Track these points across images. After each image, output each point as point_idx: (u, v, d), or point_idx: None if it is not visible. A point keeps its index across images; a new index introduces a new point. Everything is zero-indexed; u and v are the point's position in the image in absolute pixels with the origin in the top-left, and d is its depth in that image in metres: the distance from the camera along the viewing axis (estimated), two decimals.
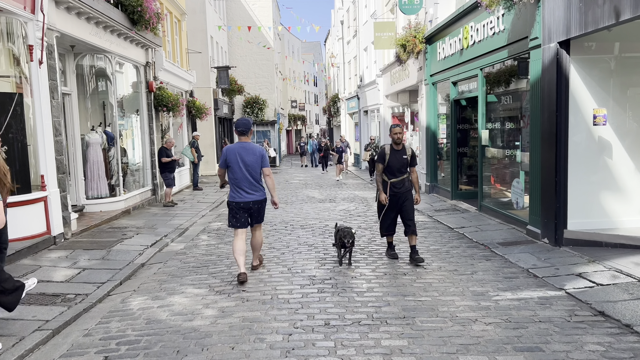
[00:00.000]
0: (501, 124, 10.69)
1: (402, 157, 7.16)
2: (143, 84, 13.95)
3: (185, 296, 5.92)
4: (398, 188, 7.19)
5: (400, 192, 7.19)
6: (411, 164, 7.27)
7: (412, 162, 7.28)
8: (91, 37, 10.47)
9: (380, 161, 7.24)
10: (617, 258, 6.78)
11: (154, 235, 9.53)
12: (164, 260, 7.90)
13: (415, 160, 7.33)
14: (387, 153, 7.15)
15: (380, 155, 7.24)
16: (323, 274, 6.64)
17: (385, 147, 7.25)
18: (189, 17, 21.34)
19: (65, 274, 6.90)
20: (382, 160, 7.20)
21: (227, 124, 29.63)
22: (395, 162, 7.13)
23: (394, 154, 7.15)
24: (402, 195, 7.21)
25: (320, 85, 66.15)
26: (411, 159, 7.25)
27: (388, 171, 7.18)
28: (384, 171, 7.21)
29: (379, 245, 8.36)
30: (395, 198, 7.20)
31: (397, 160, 7.14)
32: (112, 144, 12.20)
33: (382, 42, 18.17)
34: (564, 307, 5.27)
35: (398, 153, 7.16)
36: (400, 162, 7.15)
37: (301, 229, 10.03)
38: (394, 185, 7.18)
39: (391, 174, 7.17)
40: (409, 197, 7.27)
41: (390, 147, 7.21)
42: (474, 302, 5.47)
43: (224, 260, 7.57)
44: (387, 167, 7.16)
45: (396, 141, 7.11)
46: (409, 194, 7.27)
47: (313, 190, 17.29)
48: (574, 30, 7.09)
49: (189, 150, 17.09)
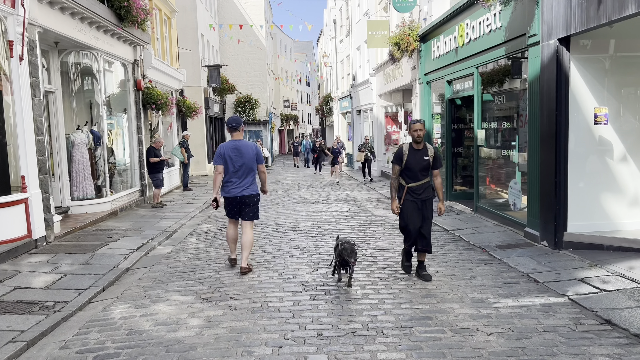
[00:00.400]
0: (497, 123, 10.46)
1: (422, 158, 6.19)
2: (131, 82, 13.60)
3: (170, 304, 5.62)
4: (418, 194, 6.23)
5: (419, 199, 6.24)
6: (434, 167, 6.30)
7: (435, 164, 6.30)
8: (76, 34, 10.13)
9: (397, 162, 6.27)
10: (619, 262, 6.55)
11: (141, 238, 9.21)
12: (149, 264, 7.59)
13: (439, 162, 6.37)
14: (405, 153, 6.20)
15: (397, 156, 6.27)
16: (315, 279, 6.36)
17: (404, 146, 6.30)
18: (180, 15, 20.99)
19: (45, 280, 6.58)
20: (399, 161, 6.23)
21: (219, 124, 29.27)
22: (414, 164, 6.19)
23: (413, 154, 6.19)
24: (420, 202, 6.26)
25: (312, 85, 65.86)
26: (434, 160, 6.25)
27: (406, 174, 6.26)
28: (401, 174, 6.31)
29: (373, 248, 8.09)
30: (415, 205, 6.25)
31: (417, 161, 6.19)
32: (99, 144, 11.85)
33: (375, 41, 17.94)
34: (568, 315, 5.02)
35: (418, 153, 6.20)
36: (421, 164, 6.20)
37: (293, 231, 9.75)
38: (412, 190, 6.23)
39: (410, 177, 6.24)
40: (429, 206, 6.32)
41: (409, 146, 6.26)
42: (473, 309, 5.21)
43: (212, 265, 7.27)
44: (405, 169, 6.22)
45: (416, 139, 6.14)
46: (429, 202, 6.31)
47: (305, 191, 17.01)
48: (575, 26, 6.86)
49: (178, 150, 16.74)
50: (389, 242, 8.51)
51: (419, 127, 6.17)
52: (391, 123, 21.21)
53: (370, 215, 11.55)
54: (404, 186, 6.28)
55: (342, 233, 9.34)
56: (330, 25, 36.86)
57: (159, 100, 14.18)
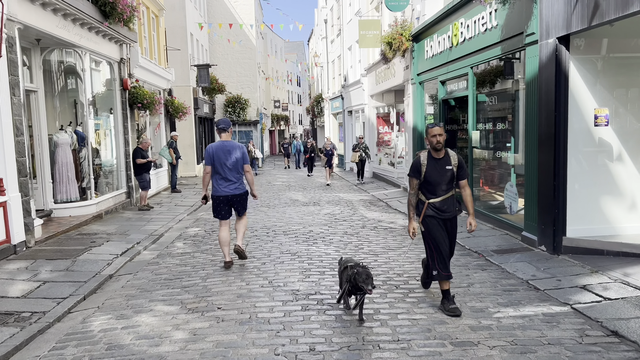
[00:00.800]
0: (493, 124, 10.25)
1: (444, 169, 5.22)
2: (117, 81, 13.25)
3: (154, 315, 5.32)
4: (441, 211, 5.27)
5: (443, 217, 5.28)
6: (459, 177, 5.32)
7: (461, 174, 5.32)
8: (59, 31, 9.78)
9: (414, 175, 5.28)
10: (621, 268, 6.34)
11: (126, 242, 8.88)
12: (134, 271, 7.27)
13: (465, 171, 5.37)
14: (424, 163, 5.21)
15: (414, 167, 5.27)
16: (307, 287, 6.08)
17: (421, 155, 5.30)
18: (168, 14, 20.62)
19: (23, 288, 6.25)
20: (417, 173, 5.25)
21: (208, 124, 28.89)
22: (435, 175, 5.22)
23: (433, 165, 5.22)
24: (445, 221, 5.31)
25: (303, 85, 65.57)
26: (458, 169, 5.28)
27: (426, 188, 5.28)
28: (420, 188, 5.33)
29: (367, 253, 7.83)
30: (441, 222, 5.30)
31: (438, 172, 5.22)
32: (83, 145, 11.50)
33: (367, 41, 17.70)
34: (572, 325, 4.79)
35: (439, 163, 5.23)
36: (443, 175, 5.23)
37: (284, 235, 9.46)
38: (435, 207, 5.26)
39: (431, 192, 5.27)
40: (454, 225, 5.42)
41: (427, 155, 5.27)
42: (473, 320, 4.96)
43: (199, 272, 6.96)
44: (425, 182, 5.26)
45: (435, 146, 5.18)
46: (454, 220, 5.41)
47: (296, 193, 16.72)
48: (576, 24, 6.64)
49: (166, 151, 16.39)
50: (382, 247, 8.25)
51: (438, 132, 5.17)
52: (383, 124, 20.98)
53: (363, 218, 11.29)
54: (424, 202, 5.29)
55: (334, 237, 9.10)
56: (321, 25, 36.61)
57: (146, 100, 13.83)
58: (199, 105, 24.65)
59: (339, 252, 7.92)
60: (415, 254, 7.74)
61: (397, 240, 8.80)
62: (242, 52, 32.86)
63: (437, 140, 5.18)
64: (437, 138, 5.19)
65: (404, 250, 5.88)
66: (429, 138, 5.24)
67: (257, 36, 36.78)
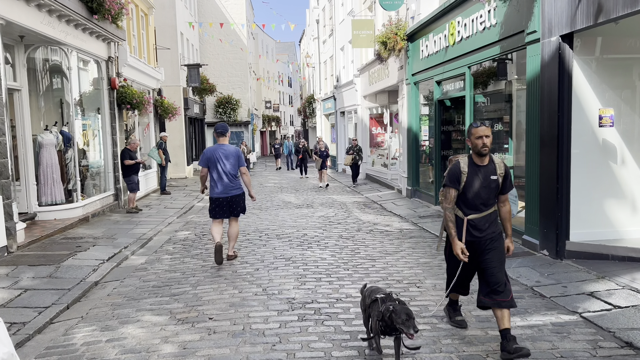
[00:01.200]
0: (490, 125, 10.01)
1: (489, 179, 4.29)
2: (105, 80, 12.89)
3: (141, 325, 5.01)
4: (481, 230, 4.34)
5: (483, 238, 4.35)
6: (503, 189, 4.39)
7: (506, 187, 4.39)
8: (43, 27, 9.43)
9: (452, 184, 4.34)
10: (627, 273, 6.13)
11: (113, 247, 8.55)
12: (121, 277, 6.95)
13: (510, 183, 4.44)
14: (464, 172, 4.29)
15: (453, 175, 4.33)
16: (303, 295, 5.79)
17: (460, 161, 4.37)
18: (158, 12, 20.25)
19: (2, 297, 5.92)
20: (456, 182, 4.32)
21: (198, 124, 28.52)
22: (477, 187, 4.29)
23: (475, 173, 4.29)
24: (485, 242, 4.35)
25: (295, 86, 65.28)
26: (504, 180, 4.35)
27: (463, 202, 4.35)
28: (457, 202, 4.38)
29: (364, 258, 7.56)
30: (475, 246, 4.36)
31: (482, 183, 4.28)
32: (69, 145, 11.13)
33: (360, 41, 17.47)
34: (584, 336, 4.55)
35: (482, 171, 4.29)
36: (487, 187, 4.29)
37: (277, 238, 9.17)
38: (473, 225, 4.34)
39: (470, 206, 4.34)
40: (498, 245, 4.38)
41: (468, 161, 4.35)
42: (480, 330, 4.70)
43: (189, 279, 6.65)
44: (463, 195, 4.33)
45: (481, 151, 4.24)
46: (498, 240, 4.39)
47: (289, 195, 16.42)
48: (580, 22, 6.42)
49: (155, 152, 16.03)
50: (379, 251, 7.99)
51: (484, 132, 4.23)
52: (376, 125, 20.75)
53: (358, 220, 11.03)
54: (462, 219, 4.37)
55: (330, 240, 8.82)
56: (312, 25, 36.35)
57: (135, 100, 13.48)
58: (189, 105, 24.29)
59: (335, 256, 7.65)
60: (413, 258, 7.49)
61: (394, 244, 8.54)
62: (233, 52, 32.50)
63: (483, 143, 4.22)
64: (483, 140, 4.22)
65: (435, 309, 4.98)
66: (472, 140, 4.29)
67: (248, 36, 36.45)
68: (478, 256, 4.37)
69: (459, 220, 4.37)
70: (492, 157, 4.38)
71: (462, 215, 4.37)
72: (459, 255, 4.26)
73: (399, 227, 10.16)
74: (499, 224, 4.49)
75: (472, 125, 4.36)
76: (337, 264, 7.23)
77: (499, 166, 4.35)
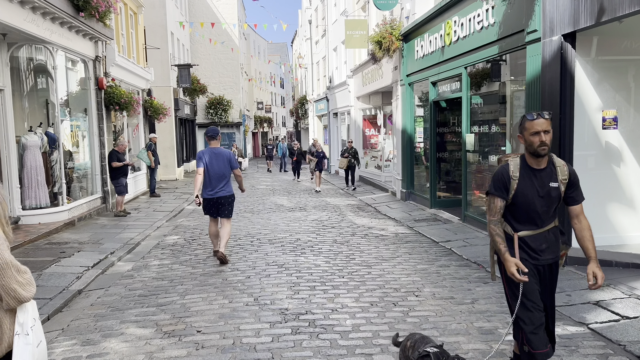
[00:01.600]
0: (488, 127, 9.81)
1: (547, 185, 3.34)
2: (92, 80, 12.54)
3: (125, 339, 4.71)
4: (539, 250, 3.39)
5: (538, 264, 3.40)
6: (570, 200, 3.43)
7: (573, 196, 3.43)
8: (27, 25, 9.08)
9: (498, 192, 3.40)
10: (632, 281, 5.92)
11: (98, 252, 8.23)
12: (106, 285, 6.65)
13: (579, 192, 3.45)
14: (514, 176, 3.35)
15: (499, 180, 3.40)
16: (297, 305, 5.52)
17: (510, 162, 3.41)
18: (148, 12, 19.92)
19: None
20: (503, 190, 3.38)
21: (189, 125, 28.15)
22: (531, 196, 3.33)
23: (529, 178, 3.35)
24: (541, 271, 3.43)
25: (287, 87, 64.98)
26: (568, 187, 3.39)
27: (514, 215, 3.40)
28: (505, 214, 3.44)
29: (360, 265, 7.29)
30: (534, 271, 3.39)
31: (538, 191, 3.34)
32: (55, 147, 10.79)
33: (353, 41, 17.23)
34: (593, 350, 4.31)
35: (539, 176, 3.36)
36: (545, 196, 3.34)
37: (269, 243, 8.89)
38: (527, 244, 3.38)
39: (522, 220, 3.39)
40: (555, 274, 3.54)
41: (520, 163, 3.39)
42: (484, 344, 4.45)
43: (177, 287, 6.36)
44: (513, 206, 3.39)
45: (539, 150, 3.26)
46: (555, 268, 3.53)
47: (281, 197, 16.13)
48: (584, 20, 6.20)
49: (145, 153, 15.67)
50: (375, 257, 7.73)
51: (543, 127, 3.24)
52: (369, 126, 20.52)
53: (352, 224, 10.77)
54: (511, 235, 3.40)
55: (323, 246, 8.55)
56: (305, 26, 36.09)
57: (123, 100, 13.14)
58: (180, 106, 23.93)
59: (329, 262, 7.39)
60: (410, 265, 7.24)
61: (389, 249, 8.29)
62: (224, 52, 32.14)
63: (541, 141, 3.22)
64: (541, 137, 3.22)
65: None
66: (526, 136, 3.29)
67: (239, 37, 36.12)
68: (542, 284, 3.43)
69: (508, 237, 3.40)
70: (552, 158, 3.38)
71: (512, 231, 3.40)
72: (515, 275, 3.20)
73: (394, 231, 9.91)
74: (560, 245, 3.51)
75: (525, 117, 3.32)
76: (331, 270, 6.97)
77: (560, 170, 3.36)
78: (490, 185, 3.47)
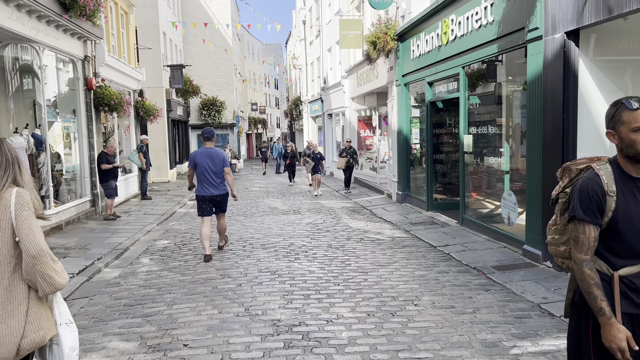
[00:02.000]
0: (486, 128, 9.58)
1: None
2: (81, 80, 12.23)
3: (107, 355, 4.42)
4: None
5: None
6: None
7: None
8: (12, 23, 8.77)
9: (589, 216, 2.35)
10: None
11: (85, 258, 7.93)
12: (90, 293, 6.35)
13: None
14: (611, 192, 2.35)
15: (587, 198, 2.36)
16: (290, 316, 5.24)
17: (601, 172, 2.38)
18: (139, 11, 19.60)
19: None
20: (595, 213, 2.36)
21: (182, 127, 27.81)
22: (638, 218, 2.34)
23: (631, 193, 2.36)
24: None
25: (281, 88, 64.66)
26: None
27: (610, 246, 2.39)
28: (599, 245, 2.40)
29: (355, 271, 7.03)
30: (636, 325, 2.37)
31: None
32: (42, 149, 10.47)
33: (348, 41, 16.98)
34: None
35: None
36: None
37: (262, 248, 8.62)
38: (630, 286, 2.35)
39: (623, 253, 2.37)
40: None
41: (613, 172, 2.38)
42: (488, 358, 4.20)
43: (164, 296, 6.07)
44: (610, 232, 2.37)
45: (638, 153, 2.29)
46: None
47: (275, 200, 15.85)
48: (588, 17, 5.97)
49: (136, 155, 15.35)
50: (371, 263, 7.47)
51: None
52: (364, 127, 20.28)
53: (347, 228, 10.51)
54: (608, 275, 2.38)
55: (318, 251, 8.29)
56: (299, 26, 35.84)
57: (113, 101, 12.83)
58: (172, 107, 23.61)
59: (324, 269, 7.12)
60: (408, 271, 6.99)
61: (386, 254, 8.03)
62: (218, 53, 31.81)
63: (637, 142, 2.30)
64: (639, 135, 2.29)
65: None
66: (623, 133, 2.34)
67: (233, 37, 35.81)
68: None
69: (602, 278, 2.37)
70: None
71: (608, 270, 2.38)
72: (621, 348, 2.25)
73: (391, 235, 9.66)
74: None
75: (623, 105, 2.34)
76: (326, 277, 6.70)
77: None
78: (575, 207, 2.38)
